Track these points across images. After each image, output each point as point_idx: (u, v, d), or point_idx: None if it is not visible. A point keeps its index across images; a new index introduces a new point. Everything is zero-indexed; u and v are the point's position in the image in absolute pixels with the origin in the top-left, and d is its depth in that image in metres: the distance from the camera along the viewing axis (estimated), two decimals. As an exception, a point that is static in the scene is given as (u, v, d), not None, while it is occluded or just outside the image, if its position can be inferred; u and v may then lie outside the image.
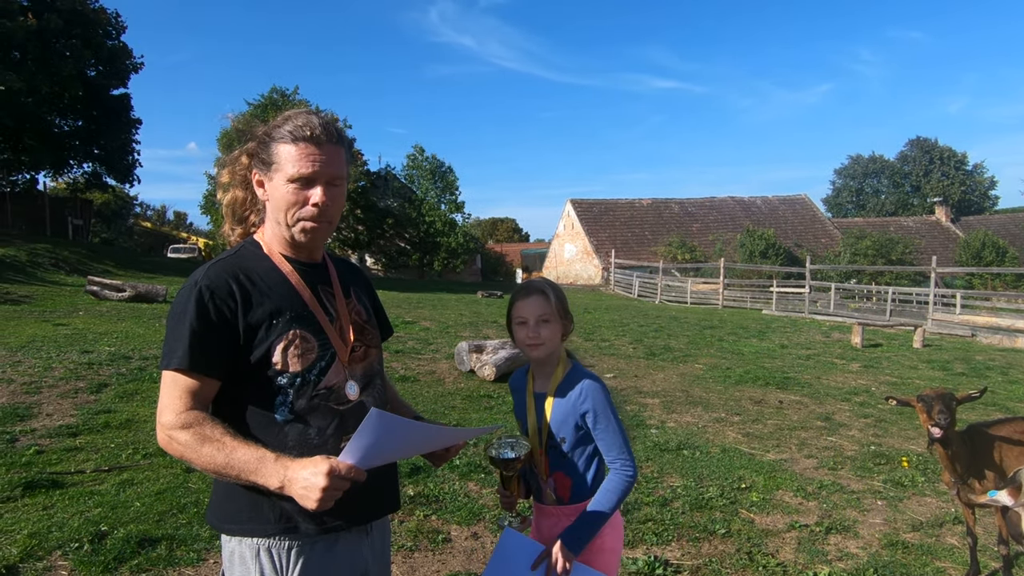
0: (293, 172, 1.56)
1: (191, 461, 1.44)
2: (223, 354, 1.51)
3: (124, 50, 27.92)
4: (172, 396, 1.49)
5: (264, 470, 1.38)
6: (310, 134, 1.56)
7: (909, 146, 60.34)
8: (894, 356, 12.49)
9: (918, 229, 45.76)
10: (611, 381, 9.03)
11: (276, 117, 1.66)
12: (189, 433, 1.44)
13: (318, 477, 1.32)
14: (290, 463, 1.38)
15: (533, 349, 2.06)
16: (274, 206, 1.62)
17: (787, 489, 4.94)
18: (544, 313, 2.04)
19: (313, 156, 1.56)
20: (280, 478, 1.37)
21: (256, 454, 1.40)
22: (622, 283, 34.49)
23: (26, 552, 3.47)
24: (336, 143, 1.60)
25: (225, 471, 1.41)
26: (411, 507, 4.33)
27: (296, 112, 1.62)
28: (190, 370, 1.48)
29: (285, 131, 1.58)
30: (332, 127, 1.61)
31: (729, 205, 46.18)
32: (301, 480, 1.34)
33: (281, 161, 1.57)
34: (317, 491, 1.32)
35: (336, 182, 1.61)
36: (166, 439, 1.47)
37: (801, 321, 19.57)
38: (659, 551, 3.84)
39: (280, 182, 1.58)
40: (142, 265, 24.42)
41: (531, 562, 1.92)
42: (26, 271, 17.04)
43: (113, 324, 11.30)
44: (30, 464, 4.79)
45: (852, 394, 8.65)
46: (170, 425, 1.46)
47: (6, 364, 7.66)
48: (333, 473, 1.32)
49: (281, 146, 1.57)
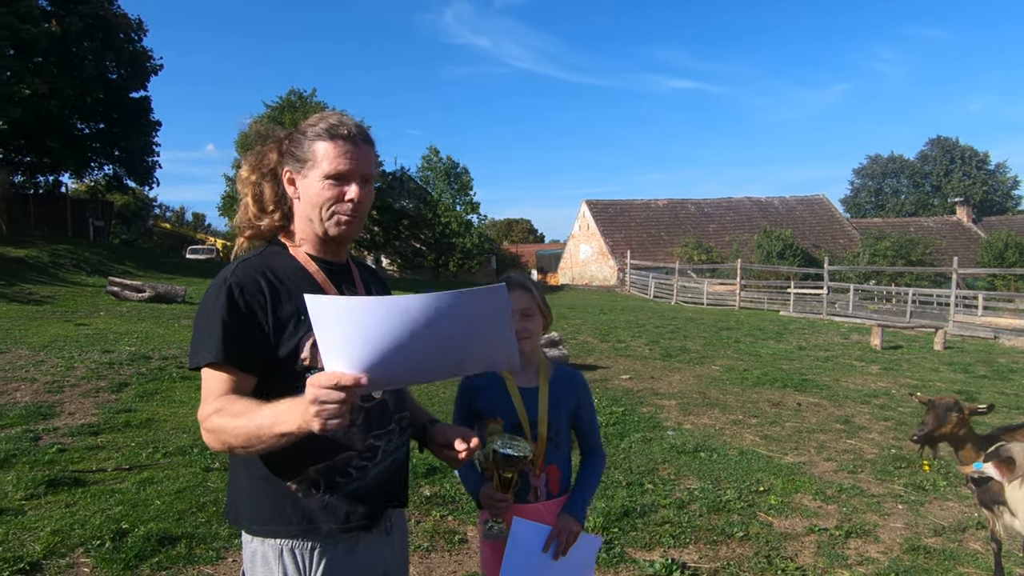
0: (330, 168, 1.58)
1: (230, 444, 1.42)
2: (255, 348, 1.51)
3: (144, 53, 28.30)
4: (208, 393, 1.49)
5: (282, 417, 1.34)
6: (347, 133, 1.59)
7: (929, 145, 59.57)
8: (915, 358, 12.33)
9: (939, 230, 45.15)
10: (627, 383, 9.00)
11: (308, 118, 1.69)
12: (223, 416, 1.43)
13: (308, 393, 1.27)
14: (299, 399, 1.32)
15: (520, 343, 2.08)
16: (307, 202, 1.63)
17: (806, 492, 4.89)
18: (528, 307, 2.11)
19: (350, 153, 1.59)
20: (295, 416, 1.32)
21: (273, 408, 1.37)
22: (638, 284, 34.36)
23: (49, 549, 3.52)
24: (368, 143, 1.64)
25: (257, 434, 1.37)
26: (427, 508, 4.34)
27: (330, 112, 1.66)
28: (224, 363, 1.47)
29: (321, 129, 1.61)
30: (363, 128, 1.65)
31: (746, 205, 45.85)
32: (303, 410, 1.29)
33: (317, 158, 1.59)
34: (312, 407, 1.26)
35: (368, 180, 1.65)
36: (206, 434, 1.46)
37: (819, 323, 19.38)
38: (676, 553, 3.81)
39: (315, 178, 1.60)
40: (161, 266, 24.72)
41: (542, 544, 2.01)
42: (49, 272, 17.31)
43: (133, 324, 11.45)
44: (53, 462, 4.87)
45: (872, 397, 8.55)
46: (205, 417, 1.46)
47: (29, 364, 7.78)
48: (313, 384, 1.26)
49: (318, 143, 1.60)
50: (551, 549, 2.02)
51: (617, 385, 8.81)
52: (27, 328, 10.34)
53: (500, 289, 1.34)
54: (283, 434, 1.34)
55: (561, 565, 2.03)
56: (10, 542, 3.58)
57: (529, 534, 2.00)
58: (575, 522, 2.06)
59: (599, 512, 4.28)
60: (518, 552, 1.99)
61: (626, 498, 4.62)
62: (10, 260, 16.47)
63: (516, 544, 1.98)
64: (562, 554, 2.02)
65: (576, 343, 12.61)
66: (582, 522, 2.08)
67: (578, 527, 2.05)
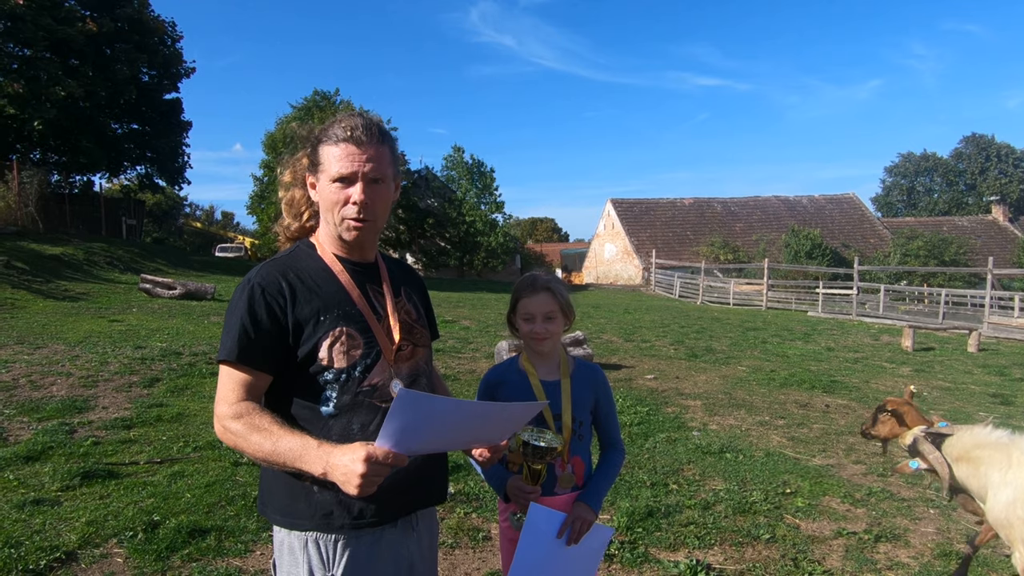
0: (335, 172, 1.62)
1: (242, 449, 1.50)
2: (272, 348, 1.57)
3: (177, 56, 28.80)
4: (226, 388, 1.56)
5: (307, 457, 1.42)
6: (350, 135, 1.62)
7: (964, 143, 58.29)
8: (947, 360, 12.08)
9: (973, 229, 44.10)
10: (651, 382, 8.95)
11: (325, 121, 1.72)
12: (240, 423, 1.50)
13: (356, 464, 1.34)
14: (332, 449, 1.40)
15: (540, 343, 2.16)
16: (323, 206, 1.69)
17: (834, 495, 4.82)
18: (551, 310, 2.15)
19: (353, 156, 1.61)
20: (323, 464, 1.40)
21: (300, 442, 1.44)
22: (663, 283, 34.11)
23: (84, 539, 3.61)
24: (379, 142, 1.65)
25: (272, 458, 1.45)
26: (452, 504, 4.36)
27: (342, 115, 1.69)
28: (239, 362, 1.54)
29: (330, 132, 1.65)
30: (374, 127, 1.66)
31: (773, 204, 45.25)
32: (341, 467, 1.36)
33: (326, 162, 1.64)
34: (356, 477, 1.33)
35: (378, 180, 1.65)
36: (221, 429, 1.54)
37: (848, 323, 19.06)
38: (701, 555, 3.79)
39: (325, 182, 1.64)
40: (191, 264, 25.15)
41: (557, 531, 2.05)
42: (83, 269, 17.71)
43: (164, 321, 11.67)
44: (87, 455, 4.98)
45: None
46: (223, 415, 1.53)
47: (65, 358, 7.97)
48: (370, 459, 1.33)
49: (325, 148, 1.64)
50: (564, 536, 2.05)
51: (642, 385, 8.77)
52: (63, 324, 10.60)
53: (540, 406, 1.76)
54: (303, 471, 1.45)
55: (572, 553, 2.07)
56: (47, 531, 3.68)
57: (544, 520, 2.04)
58: (590, 511, 2.09)
59: (623, 511, 4.27)
60: (533, 536, 2.02)
61: (650, 498, 4.59)
62: (47, 258, 16.89)
63: (531, 528, 2.02)
64: (575, 542, 2.05)
65: (600, 342, 12.56)
66: (597, 512, 2.12)
67: (592, 516, 2.09)
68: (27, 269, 15.10)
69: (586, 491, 2.15)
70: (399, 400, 1.33)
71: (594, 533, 2.11)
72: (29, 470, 4.64)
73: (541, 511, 2.04)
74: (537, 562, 2.05)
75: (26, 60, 22.09)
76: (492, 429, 1.63)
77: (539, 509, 2.04)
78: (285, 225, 1.81)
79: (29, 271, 15.06)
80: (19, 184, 19.77)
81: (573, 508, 2.09)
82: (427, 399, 1.41)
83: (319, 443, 1.43)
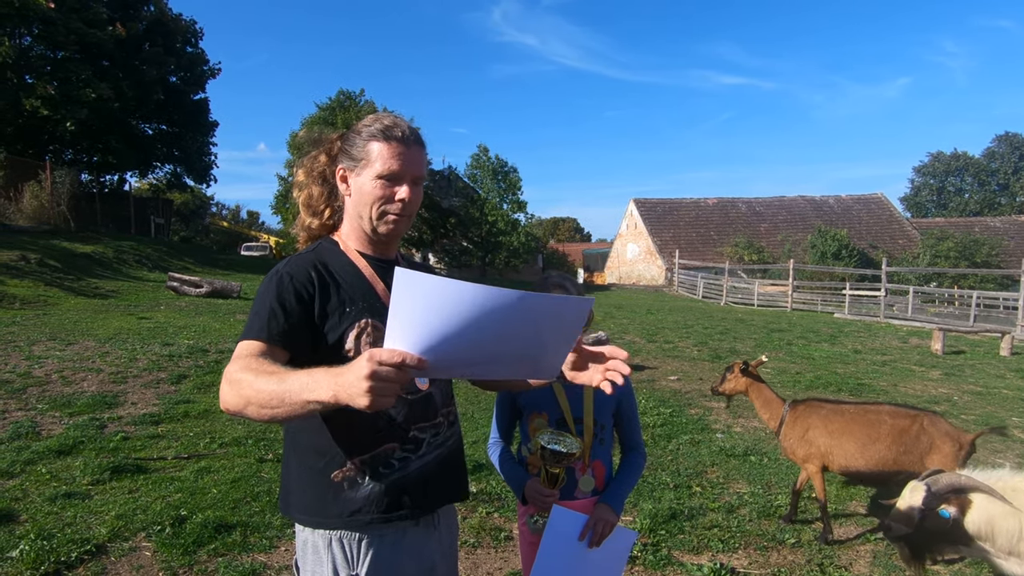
0: (383, 169, 1.63)
1: (249, 400, 1.33)
2: (298, 331, 1.53)
3: (202, 57, 29.26)
4: (238, 355, 1.46)
5: (313, 383, 1.25)
6: (401, 134, 1.64)
7: (997, 142, 57.03)
8: (978, 364, 11.82)
9: (1006, 230, 43.11)
10: (674, 384, 8.88)
11: (363, 118, 1.75)
12: (247, 371, 1.36)
13: (360, 368, 1.17)
14: (341, 369, 1.23)
15: None
16: (359, 200, 1.68)
17: (861, 500, 4.74)
18: None
19: (403, 154, 1.64)
20: (331, 386, 1.22)
21: (307, 373, 1.28)
22: (686, 284, 33.85)
23: (114, 532, 3.68)
24: (419, 146, 1.69)
25: (281, 396, 1.29)
26: (474, 504, 4.37)
27: (385, 114, 1.70)
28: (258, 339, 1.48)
29: (376, 129, 1.65)
30: (416, 131, 1.70)
31: (799, 204, 44.67)
32: (347, 380, 1.19)
33: (372, 158, 1.64)
34: (362, 384, 1.16)
35: (419, 182, 1.69)
36: (226, 385, 1.39)
37: (876, 326, 18.75)
38: (725, 558, 3.75)
39: (368, 177, 1.65)
40: (218, 262, 25.49)
41: (579, 533, 2.04)
42: (113, 267, 18.04)
43: (191, 318, 11.84)
44: (117, 450, 5.08)
45: (932, 403, 8.23)
46: (229, 372, 1.40)
47: (95, 355, 8.13)
48: (374, 359, 1.16)
49: (372, 143, 1.64)
50: (587, 539, 2.05)
51: (665, 386, 8.70)
52: (93, 321, 10.81)
53: (588, 302, 1.33)
54: (311, 401, 1.25)
55: (595, 556, 2.06)
56: (78, 524, 3.76)
57: (566, 522, 2.04)
58: (612, 513, 2.08)
59: (646, 514, 4.24)
60: (555, 539, 2.02)
61: (674, 500, 4.56)
62: (78, 256, 17.24)
63: (553, 530, 2.01)
64: (596, 544, 2.04)
65: (623, 343, 12.50)
66: (618, 514, 2.11)
67: (614, 518, 2.08)
68: (59, 267, 15.43)
69: (607, 493, 2.14)
70: (396, 282, 1.17)
71: (618, 536, 2.09)
72: (61, 464, 4.74)
73: (563, 513, 2.04)
74: (559, 565, 2.03)
75: (58, 63, 22.59)
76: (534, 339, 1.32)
77: (561, 511, 2.03)
78: (306, 224, 1.80)
79: (61, 269, 15.38)
80: (52, 184, 20.20)
81: (595, 510, 2.08)
82: (429, 278, 1.17)
83: (326, 368, 1.27)
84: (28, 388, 6.61)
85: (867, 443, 3.99)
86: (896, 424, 4.00)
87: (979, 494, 2.56)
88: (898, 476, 3.89)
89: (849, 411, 4.19)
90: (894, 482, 3.93)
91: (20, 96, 21.83)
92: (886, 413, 4.10)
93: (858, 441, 4.01)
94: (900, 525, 2.60)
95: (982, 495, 2.55)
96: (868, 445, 3.98)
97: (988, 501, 2.54)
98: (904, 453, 3.91)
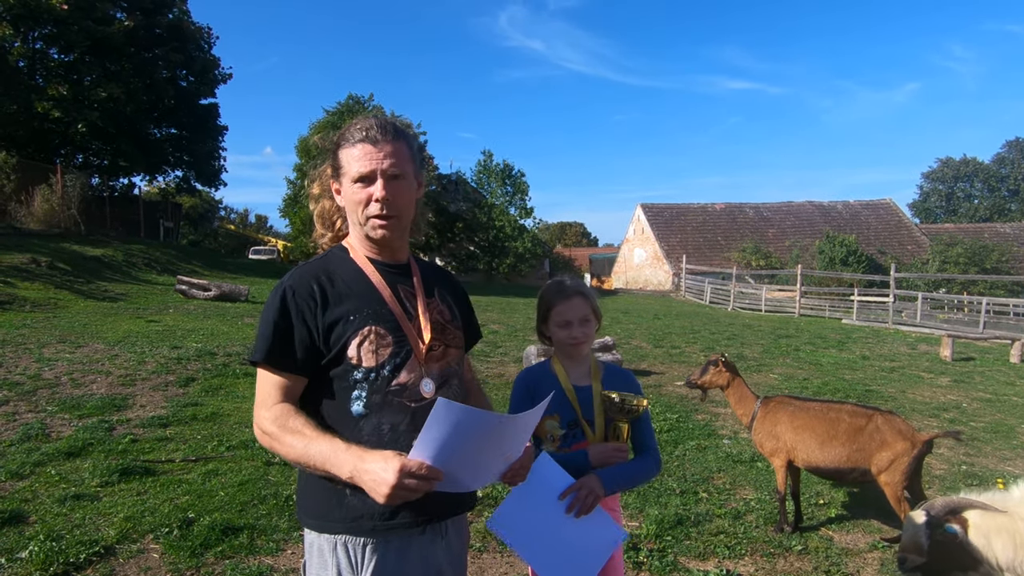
0: (355, 172, 1.66)
1: (278, 451, 1.56)
2: (302, 350, 1.60)
3: (213, 62, 29.44)
4: (263, 392, 1.62)
5: (336, 459, 1.44)
6: (365, 135, 1.66)
7: (1007, 148, 56.74)
8: (988, 371, 11.74)
9: (1016, 236, 42.77)
10: (681, 389, 8.86)
11: None
12: (276, 425, 1.55)
13: (388, 473, 1.34)
14: (363, 453, 1.41)
15: (578, 347, 2.17)
16: (348, 208, 1.73)
17: (869, 507, 4.72)
18: (587, 314, 2.17)
19: (370, 154, 1.65)
20: (350, 467, 1.41)
21: (330, 445, 1.46)
22: (693, 289, 33.77)
23: (122, 534, 3.70)
24: (395, 139, 1.68)
25: (304, 460, 1.49)
26: (480, 509, 4.37)
27: (359, 119, 1.73)
28: (268, 364, 1.60)
29: (346, 135, 1.69)
30: (388, 124, 1.69)
31: (807, 210, 44.49)
32: (371, 472, 1.37)
33: (346, 164, 1.68)
34: (385, 486, 1.34)
35: (398, 176, 1.67)
36: (259, 432, 1.60)
37: (884, 332, 18.66)
38: (731, 565, 3.74)
39: (348, 184, 1.69)
40: (226, 266, 25.60)
41: (560, 491, 1.90)
42: (122, 270, 18.14)
43: (200, 322, 11.90)
44: (126, 452, 5.11)
45: (941, 410, 8.18)
46: (261, 419, 1.59)
47: (104, 357, 8.18)
48: (403, 470, 1.33)
49: (344, 151, 1.69)
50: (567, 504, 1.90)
51: (671, 392, 8.69)
52: (103, 323, 10.88)
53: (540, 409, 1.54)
54: (330, 472, 1.45)
55: (572, 532, 1.89)
56: (87, 526, 3.78)
57: (550, 475, 1.90)
58: (599, 485, 1.95)
59: (652, 519, 4.24)
60: (532, 487, 1.81)
61: (680, 506, 4.55)
62: (88, 259, 17.34)
63: (535, 478, 1.79)
64: (574, 512, 1.88)
65: (629, 348, 12.48)
66: (606, 491, 1.98)
67: (601, 492, 1.95)
68: (69, 270, 15.53)
69: (604, 469, 2.04)
70: (439, 410, 1.31)
71: (603, 526, 1.94)
72: (70, 466, 4.77)
73: (550, 464, 1.90)
74: (530, 517, 1.87)
75: (69, 64, 22.76)
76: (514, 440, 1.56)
77: (548, 461, 1.90)
78: (320, 237, 1.86)
79: (71, 272, 15.48)
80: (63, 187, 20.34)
81: (583, 478, 1.95)
82: (469, 412, 1.35)
83: (348, 446, 1.44)
84: (38, 390, 6.66)
85: (826, 440, 4.20)
86: (853, 423, 4.19)
87: (974, 511, 2.57)
88: (852, 473, 4.16)
89: (814, 409, 4.40)
90: (849, 479, 4.27)
91: (32, 99, 22.02)
92: (846, 412, 4.29)
93: (819, 438, 4.23)
94: (914, 556, 2.59)
95: (977, 511, 2.57)
96: (827, 442, 4.20)
97: (983, 517, 2.55)
98: (857, 451, 4.11)
